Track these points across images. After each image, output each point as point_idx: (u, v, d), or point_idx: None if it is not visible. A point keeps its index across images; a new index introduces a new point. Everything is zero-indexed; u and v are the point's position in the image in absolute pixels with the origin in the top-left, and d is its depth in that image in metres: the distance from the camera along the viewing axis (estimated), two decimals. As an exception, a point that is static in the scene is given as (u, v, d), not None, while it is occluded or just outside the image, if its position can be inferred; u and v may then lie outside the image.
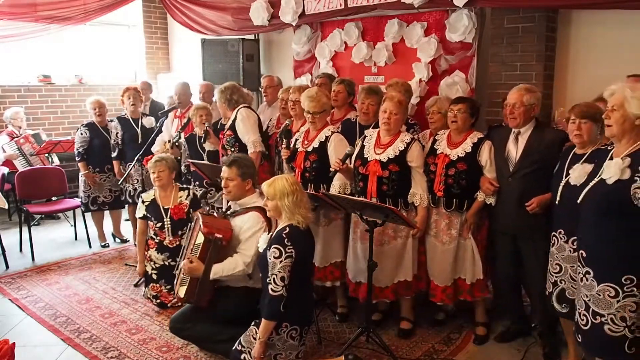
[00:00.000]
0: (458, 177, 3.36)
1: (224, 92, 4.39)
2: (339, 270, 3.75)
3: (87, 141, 5.33)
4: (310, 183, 3.67)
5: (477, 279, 3.46)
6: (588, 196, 2.45)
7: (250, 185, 3.38)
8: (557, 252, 2.84)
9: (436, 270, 3.53)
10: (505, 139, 3.31)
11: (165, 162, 4.04)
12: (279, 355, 2.92)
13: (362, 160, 3.46)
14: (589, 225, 2.47)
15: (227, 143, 4.29)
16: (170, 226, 3.98)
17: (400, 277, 3.51)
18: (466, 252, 3.45)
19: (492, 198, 3.33)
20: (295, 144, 3.83)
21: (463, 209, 3.40)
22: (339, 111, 4.26)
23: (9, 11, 6.12)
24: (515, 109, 3.18)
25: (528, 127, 3.22)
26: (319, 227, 3.69)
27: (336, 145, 3.59)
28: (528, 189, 3.14)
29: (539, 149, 3.15)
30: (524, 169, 3.18)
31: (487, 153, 3.34)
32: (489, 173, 3.35)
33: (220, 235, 3.18)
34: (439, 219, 3.48)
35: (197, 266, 3.18)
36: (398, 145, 3.39)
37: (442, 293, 3.51)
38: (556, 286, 2.86)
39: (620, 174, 2.30)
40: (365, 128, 3.81)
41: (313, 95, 3.63)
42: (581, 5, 3.88)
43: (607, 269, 2.39)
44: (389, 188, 3.39)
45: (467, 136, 3.42)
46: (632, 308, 2.32)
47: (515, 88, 3.26)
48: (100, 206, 5.43)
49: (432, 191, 3.46)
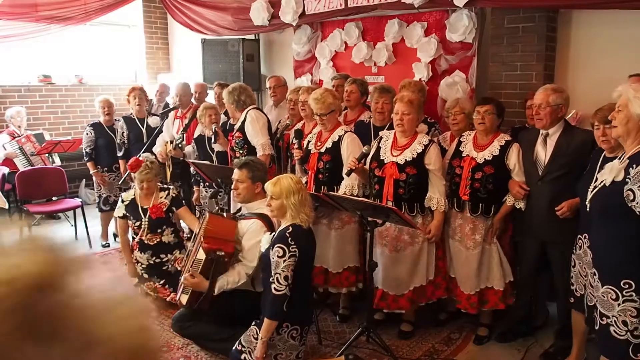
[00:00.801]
0: (485, 181, 3.27)
1: (231, 93, 4.31)
2: (354, 275, 3.68)
3: (93, 141, 5.35)
4: (324, 185, 3.59)
5: (509, 281, 3.38)
6: (593, 199, 2.45)
7: (260, 188, 3.33)
8: (583, 256, 2.74)
9: (461, 276, 3.45)
10: (533, 141, 3.20)
11: (153, 170, 4.02)
12: (280, 355, 2.92)
13: (379, 162, 3.39)
14: (595, 228, 2.47)
15: (236, 145, 4.25)
16: (147, 225, 4.00)
17: (416, 283, 3.43)
18: (492, 257, 3.36)
19: (522, 202, 3.22)
20: (307, 146, 3.76)
21: (489, 214, 3.31)
22: (352, 112, 4.21)
23: (9, 11, 6.12)
24: (541, 109, 3.07)
25: (557, 129, 3.11)
26: (332, 230, 3.63)
27: (349, 144, 3.53)
28: (558, 192, 3.04)
29: (569, 151, 3.05)
30: (554, 172, 3.08)
31: (516, 156, 3.24)
32: (517, 177, 3.25)
33: (222, 253, 3.12)
34: (464, 224, 3.39)
35: (200, 282, 3.13)
36: (416, 148, 3.31)
37: (466, 301, 3.44)
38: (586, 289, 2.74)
39: (615, 175, 2.29)
40: (380, 129, 3.76)
41: (318, 97, 3.57)
42: (581, 5, 3.88)
43: (609, 272, 2.39)
44: (405, 192, 3.31)
45: (494, 138, 3.32)
46: (632, 313, 2.30)
47: (541, 88, 3.17)
48: (112, 205, 5.41)
49: (457, 195, 3.36)
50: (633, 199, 2.22)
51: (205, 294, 3.15)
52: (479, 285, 3.41)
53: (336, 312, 3.87)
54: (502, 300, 3.40)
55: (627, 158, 2.32)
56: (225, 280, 3.16)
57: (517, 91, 4.21)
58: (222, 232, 3.25)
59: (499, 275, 3.37)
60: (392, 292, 3.45)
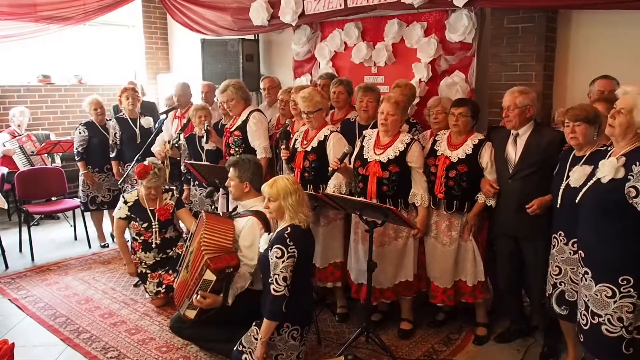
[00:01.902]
0: (459, 179, 3.35)
1: (242, 89, 4.30)
2: (339, 270, 3.75)
3: (86, 140, 5.33)
4: (310, 183, 3.67)
5: (478, 281, 3.45)
6: (585, 196, 2.46)
7: (248, 188, 3.39)
8: (557, 254, 2.83)
9: (437, 272, 3.52)
10: (504, 141, 3.30)
11: (161, 177, 4.07)
12: (280, 356, 2.92)
13: (362, 161, 3.46)
14: (587, 226, 2.48)
15: (234, 143, 4.26)
16: (158, 227, 4.07)
17: (402, 278, 3.51)
18: (467, 253, 3.44)
19: (492, 200, 3.33)
20: (294, 144, 3.82)
21: (464, 210, 3.40)
22: (339, 112, 4.25)
23: (9, 11, 6.12)
24: (510, 111, 3.18)
25: (526, 129, 3.21)
26: (319, 227, 3.69)
27: (335, 144, 3.59)
28: (528, 190, 3.14)
29: (538, 150, 3.14)
30: (523, 170, 3.18)
31: (488, 155, 3.33)
32: (489, 175, 3.34)
33: (230, 270, 3.09)
34: (440, 221, 3.47)
35: (213, 301, 3.10)
36: (398, 146, 3.39)
37: (442, 294, 3.51)
38: (556, 288, 2.85)
39: (615, 173, 2.31)
40: (365, 128, 3.80)
41: (306, 95, 3.63)
42: (581, 5, 3.88)
43: (604, 269, 2.39)
44: (389, 189, 3.38)
45: (467, 137, 3.41)
46: (629, 309, 2.33)
47: (509, 91, 3.26)
48: (99, 206, 5.43)
49: (433, 193, 3.45)
50: (636, 195, 2.24)
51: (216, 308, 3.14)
52: (454, 278, 3.49)
53: (334, 311, 3.88)
54: (471, 295, 3.47)
55: (622, 155, 2.33)
56: (235, 289, 3.16)
57: (516, 91, 4.21)
58: (222, 239, 3.19)
59: (471, 271, 3.45)
60: (378, 287, 3.50)
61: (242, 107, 4.32)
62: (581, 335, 2.54)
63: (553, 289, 2.87)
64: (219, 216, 3.45)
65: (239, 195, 3.44)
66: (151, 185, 4.02)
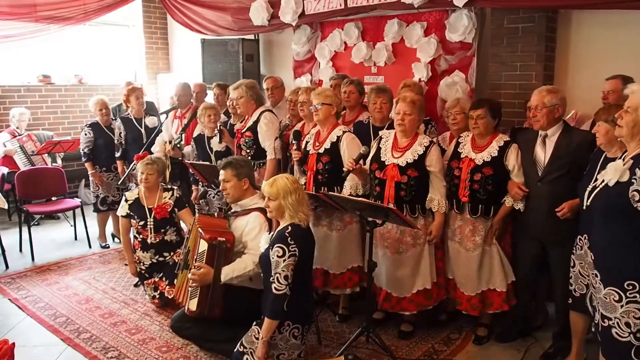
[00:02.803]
0: (484, 182, 3.25)
1: (254, 89, 4.25)
2: (357, 275, 3.66)
3: (92, 141, 5.33)
4: (324, 186, 3.56)
5: (511, 281, 3.37)
6: (595, 199, 2.44)
7: (247, 184, 3.38)
8: (584, 257, 2.70)
9: (461, 277, 3.44)
10: (532, 142, 3.19)
11: (156, 165, 4.10)
12: (282, 355, 2.92)
13: (379, 163, 3.37)
14: (597, 228, 2.46)
15: (245, 144, 4.24)
16: (153, 225, 4.04)
17: (419, 286, 3.41)
18: (493, 259, 3.35)
19: (521, 203, 3.21)
20: (305, 147, 3.74)
21: (489, 215, 3.30)
22: (351, 112, 4.21)
23: (9, 11, 6.12)
24: (538, 111, 3.07)
25: (555, 130, 3.09)
26: (333, 231, 3.61)
27: (348, 144, 3.51)
28: (558, 193, 3.01)
29: (568, 151, 3.03)
30: (553, 172, 3.06)
31: (515, 157, 3.23)
32: (516, 178, 3.23)
33: (223, 239, 3.14)
34: (464, 225, 3.38)
35: (207, 271, 3.11)
36: (417, 149, 3.29)
37: (467, 302, 3.43)
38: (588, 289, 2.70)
39: (619, 176, 2.28)
40: (379, 129, 3.75)
41: (320, 91, 3.63)
42: (581, 5, 3.88)
43: (612, 273, 2.37)
44: (407, 194, 3.29)
45: (492, 139, 3.31)
46: (636, 315, 2.29)
47: (536, 90, 3.15)
48: (109, 206, 5.41)
49: (457, 196, 3.35)
50: (639, 199, 2.21)
51: (212, 286, 3.12)
52: (480, 287, 3.40)
53: (336, 312, 3.87)
54: (505, 301, 3.39)
55: (630, 158, 2.31)
56: (231, 269, 3.14)
57: (516, 91, 4.21)
58: (215, 225, 3.27)
59: (501, 276, 3.36)
60: (395, 294, 3.45)
61: (253, 107, 4.28)
62: (598, 336, 2.50)
63: (587, 289, 2.73)
64: (212, 217, 3.50)
65: (239, 195, 3.41)
66: (144, 170, 4.02)
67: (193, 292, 3.20)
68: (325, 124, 3.63)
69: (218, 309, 3.18)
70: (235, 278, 3.15)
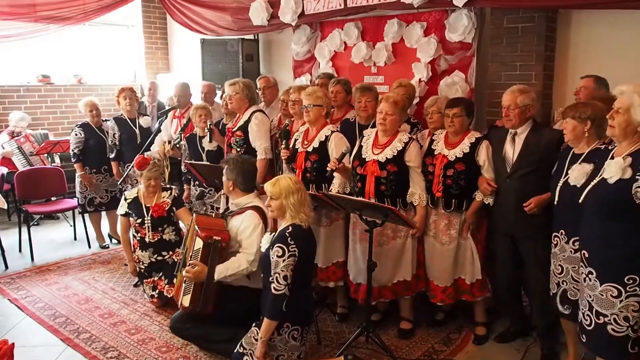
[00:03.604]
0: (457, 177, 3.36)
1: (249, 89, 4.27)
2: (341, 270, 3.74)
3: (82, 142, 5.31)
4: (312, 183, 3.66)
5: (476, 279, 3.46)
6: (590, 196, 2.45)
7: (232, 187, 3.40)
8: (559, 253, 2.82)
9: (436, 271, 3.52)
10: (502, 140, 3.30)
11: (159, 168, 4.14)
12: (281, 356, 2.92)
13: (360, 160, 3.46)
14: (591, 226, 2.47)
15: (236, 143, 4.26)
16: (150, 224, 4.05)
17: (400, 277, 3.51)
18: (466, 251, 3.45)
19: (490, 198, 3.33)
20: (294, 145, 3.82)
21: (462, 209, 3.40)
22: (338, 111, 4.25)
23: (8, 11, 6.13)
24: (510, 110, 3.18)
25: (525, 128, 3.21)
26: (320, 227, 3.68)
27: (337, 144, 3.58)
28: (526, 189, 3.13)
29: (537, 149, 3.14)
30: (521, 169, 3.17)
31: (485, 153, 3.34)
32: (486, 173, 3.34)
33: (218, 238, 3.16)
34: (438, 220, 3.47)
35: (201, 269, 3.14)
36: (396, 145, 3.39)
37: (442, 293, 3.51)
38: (559, 287, 2.85)
39: (622, 174, 2.30)
40: (365, 127, 3.80)
41: (310, 91, 3.68)
42: (581, 5, 3.88)
43: (610, 269, 2.38)
44: (387, 188, 3.38)
45: (464, 136, 3.41)
46: (635, 308, 2.32)
47: (508, 90, 3.25)
48: (97, 207, 5.42)
49: (431, 192, 3.45)
50: None
51: (206, 283, 3.14)
52: (454, 276, 3.49)
53: (334, 311, 3.88)
54: (469, 292, 3.48)
55: (628, 156, 2.32)
56: (225, 267, 3.16)
57: (516, 91, 4.20)
58: (213, 224, 3.31)
59: (469, 270, 3.46)
60: (377, 285, 3.50)
61: (245, 106, 4.29)
62: (583, 336, 2.53)
63: (557, 287, 2.87)
64: (209, 217, 3.52)
65: (227, 192, 3.50)
66: (151, 175, 4.04)
67: (187, 289, 3.24)
68: (315, 123, 3.70)
69: (211, 306, 3.21)
70: (229, 276, 3.17)
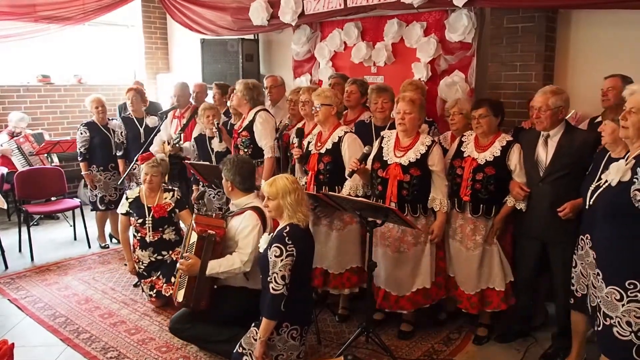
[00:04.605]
0: (486, 181, 3.26)
1: (251, 90, 4.23)
2: (356, 276, 3.66)
3: (88, 140, 5.31)
4: (325, 185, 3.57)
5: (509, 281, 3.37)
6: (598, 199, 2.44)
7: (231, 187, 3.39)
8: (585, 257, 2.70)
9: (462, 276, 3.45)
10: (534, 143, 3.18)
11: (161, 167, 4.15)
12: (280, 356, 2.92)
13: (382, 163, 3.38)
14: (600, 228, 2.46)
15: (242, 144, 4.24)
16: (151, 224, 4.06)
17: (419, 285, 3.42)
18: (492, 258, 3.35)
19: (522, 203, 3.21)
20: (307, 146, 3.74)
21: (491, 214, 3.30)
22: (352, 112, 4.21)
23: (8, 11, 6.13)
24: (542, 112, 3.05)
25: (557, 130, 3.08)
26: (333, 231, 3.61)
27: (350, 145, 3.51)
28: (560, 193, 3.01)
29: (570, 152, 3.02)
30: (555, 173, 3.06)
31: (517, 157, 3.23)
32: (518, 177, 3.23)
33: (213, 232, 3.19)
34: (464, 224, 3.38)
35: (194, 262, 3.18)
36: (419, 148, 3.30)
37: (467, 301, 3.44)
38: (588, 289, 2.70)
39: (622, 176, 2.29)
40: (381, 129, 3.74)
41: (320, 92, 3.63)
42: (581, 5, 3.88)
43: (613, 272, 2.39)
44: (409, 193, 3.30)
45: (495, 139, 3.31)
46: (637, 314, 2.30)
47: (540, 91, 3.14)
48: (107, 205, 5.40)
49: (458, 195, 3.36)
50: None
51: (198, 277, 3.16)
52: (480, 285, 3.41)
53: (335, 312, 3.87)
54: (504, 300, 3.39)
55: (632, 158, 2.32)
56: (218, 263, 3.18)
57: (516, 91, 4.21)
58: (212, 223, 3.33)
59: (500, 275, 3.37)
60: (395, 293, 3.45)
61: (246, 106, 4.26)
62: (596, 336, 2.52)
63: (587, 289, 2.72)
64: (209, 217, 3.51)
65: (227, 194, 3.49)
66: (149, 172, 4.05)
67: (181, 283, 3.27)
68: (326, 124, 3.63)
69: (204, 302, 3.23)
70: (221, 273, 3.18)
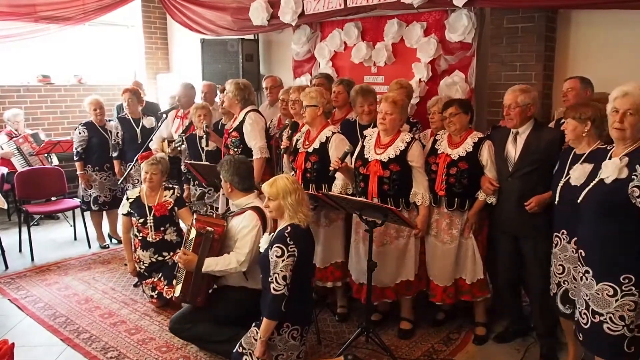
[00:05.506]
0: (460, 176, 3.37)
1: (243, 90, 4.27)
2: (340, 270, 3.74)
3: (86, 140, 5.32)
4: (312, 183, 3.66)
5: (477, 279, 3.46)
6: (589, 196, 2.46)
7: (231, 188, 3.40)
8: (560, 253, 2.81)
9: (437, 271, 3.52)
10: (504, 139, 3.31)
11: (161, 165, 4.15)
12: (281, 356, 2.92)
13: (363, 160, 3.46)
14: (589, 225, 2.48)
15: (232, 144, 4.26)
16: (153, 223, 4.07)
17: (402, 277, 3.51)
18: (467, 251, 3.45)
19: (492, 197, 3.34)
20: (296, 144, 3.82)
21: (465, 208, 3.41)
22: (340, 111, 4.25)
23: (8, 11, 6.13)
24: (511, 109, 3.19)
25: (526, 127, 3.22)
26: (320, 227, 3.69)
27: (337, 145, 3.58)
28: (528, 188, 3.15)
29: (538, 148, 3.15)
30: (523, 168, 3.18)
31: (487, 152, 3.35)
32: (489, 172, 3.35)
33: (211, 229, 3.21)
34: (440, 219, 3.48)
35: (191, 258, 3.21)
36: (398, 145, 3.39)
37: (443, 293, 3.51)
38: (560, 287, 2.84)
39: (618, 173, 2.31)
40: (366, 127, 3.80)
41: (306, 92, 3.70)
42: (581, 5, 3.89)
43: (606, 268, 2.40)
44: (390, 188, 3.38)
45: (467, 136, 3.43)
46: (630, 307, 2.33)
47: (510, 89, 3.26)
48: (101, 206, 5.42)
49: (434, 191, 3.45)
50: (639, 195, 2.26)
51: (195, 273, 3.18)
52: (454, 276, 3.50)
53: (334, 311, 3.88)
54: (469, 293, 3.48)
55: (624, 155, 2.34)
56: (215, 261, 3.20)
57: (516, 91, 4.21)
58: (212, 221, 3.35)
59: (470, 269, 3.46)
60: (380, 286, 3.50)
61: (237, 106, 4.29)
62: (580, 334, 2.54)
63: (557, 288, 2.85)
64: (210, 217, 3.54)
65: (227, 195, 3.50)
66: (149, 170, 4.07)
67: (179, 278, 3.31)
68: (314, 124, 3.70)
69: (201, 299, 3.27)
70: (217, 271, 3.21)
